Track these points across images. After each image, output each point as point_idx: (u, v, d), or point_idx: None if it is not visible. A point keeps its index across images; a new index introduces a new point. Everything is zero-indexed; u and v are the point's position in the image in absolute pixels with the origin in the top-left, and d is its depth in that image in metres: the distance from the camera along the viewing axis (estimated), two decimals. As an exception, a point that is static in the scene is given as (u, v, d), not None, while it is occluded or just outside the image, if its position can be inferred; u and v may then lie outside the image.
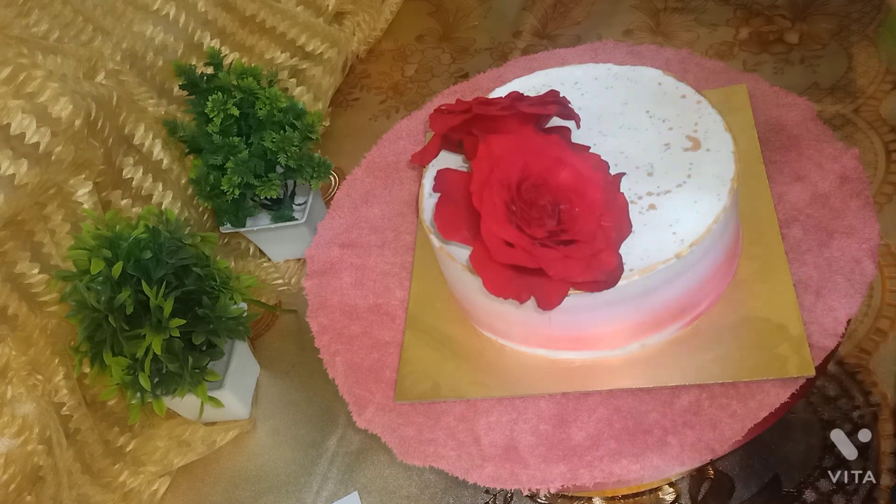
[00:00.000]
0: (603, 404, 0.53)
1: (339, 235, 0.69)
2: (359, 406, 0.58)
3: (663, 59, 0.71)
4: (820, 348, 0.51)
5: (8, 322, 0.77)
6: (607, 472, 0.50)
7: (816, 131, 0.62)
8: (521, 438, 0.53)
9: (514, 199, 0.46)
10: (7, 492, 0.71)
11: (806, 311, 0.52)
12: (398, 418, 0.56)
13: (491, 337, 0.58)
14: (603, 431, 0.52)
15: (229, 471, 0.85)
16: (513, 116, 0.51)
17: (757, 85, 0.67)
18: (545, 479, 0.51)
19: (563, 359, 0.55)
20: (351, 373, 0.60)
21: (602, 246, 0.46)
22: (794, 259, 0.55)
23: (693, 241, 0.49)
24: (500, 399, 0.55)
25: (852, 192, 0.57)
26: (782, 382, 0.50)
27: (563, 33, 1.22)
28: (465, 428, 0.55)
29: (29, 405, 0.74)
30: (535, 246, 0.45)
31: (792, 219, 0.58)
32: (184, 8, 1.04)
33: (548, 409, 0.54)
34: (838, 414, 0.69)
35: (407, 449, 0.55)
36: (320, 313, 0.64)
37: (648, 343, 0.54)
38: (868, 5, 1.05)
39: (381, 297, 0.64)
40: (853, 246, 0.55)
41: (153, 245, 0.74)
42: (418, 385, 0.57)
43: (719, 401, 0.50)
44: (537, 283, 0.47)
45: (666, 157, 0.54)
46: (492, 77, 0.75)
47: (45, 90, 0.77)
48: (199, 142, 0.90)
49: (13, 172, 0.73)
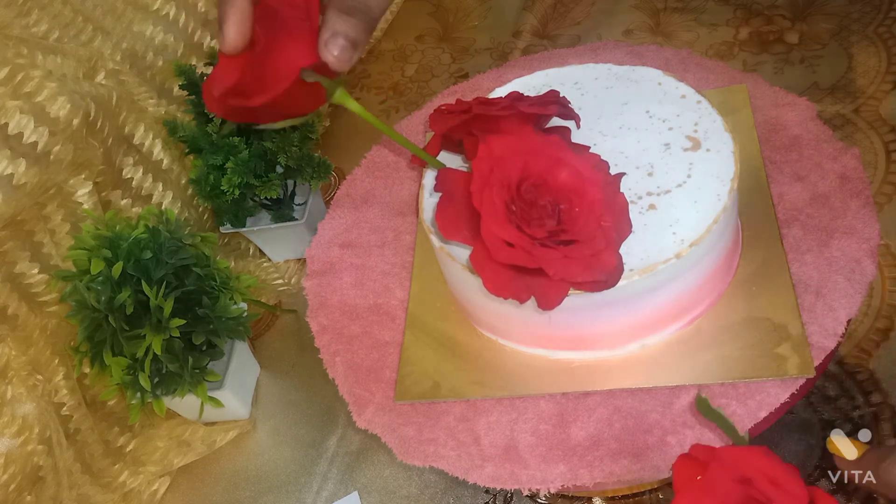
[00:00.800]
0: (603, 404, 0.53)
1: (339, 235, 0.69)
2: (359, 406, 0.58)
3: (663, 59, 0.71)
4: (820, 348, 0.51)
5: (8, 322, 0.77)
6: (607, 471, 0.50)
7: (816, 131, 0.62)
8: (521, 438, 0.53)
9: (514, 198, 0.46)
10: (7, 492, 0.71)
11: (806, 312, 0.52)
12: (398, 418, 0.56)
13: (491, 337, 0.58)
14: (603, 431, 0.52)
15: (229, 471, 0.85)
16: (513, 116, 0.51)
17: (757, 85, 0.67)
18: (545, 479, 0.51)
19: (562, 359, 0.55)
20: (351, 373, 0.60)
21: (602, 246, 0.46)
22: (794, 259, 0.55)
23: (693, 241, 0.49)
24: (500, 399, 0.55)
25: (852, 191, 0.58)
26: (782, 382, 0.50)
27: (563, 33, 1.22)
28: (465, 428, 0.55)
29: (29, 405, 0.74)
30: (535, 246, 0.45)
31: (792, 218, 0.58)
32: (184, 8, 1.04)
33: (548, 409, 0.54)
34: (838, 414, 0.69)
35: (407, 449, 0.55)
36: (320, 313, 0.64)
37: (648, 343, 0.54)
38: (868, 5, 1.05)
39: (381, 297, 0.64)
40: (853, 246, 0.55)
41: (153, 245, 0.74)
42: (418, 385, 0.57)
43: (719, 401, 0.50)
44: (537, 283, 0.47)
45: (666, 157, 0.54)
46: (492, 77, 0.75)
47: (42, 90, 0.77)
48: (199, 142, 0.90)
49: (12, 172, 0.73)
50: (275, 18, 0.43)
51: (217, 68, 0.44)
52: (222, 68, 0.43)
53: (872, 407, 0.69)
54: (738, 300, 0.55)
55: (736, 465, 0.38)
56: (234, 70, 0.43)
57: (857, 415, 0.68)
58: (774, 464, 0.37)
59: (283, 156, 0.88)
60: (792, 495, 0.36)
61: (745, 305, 0.54)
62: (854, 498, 0.64)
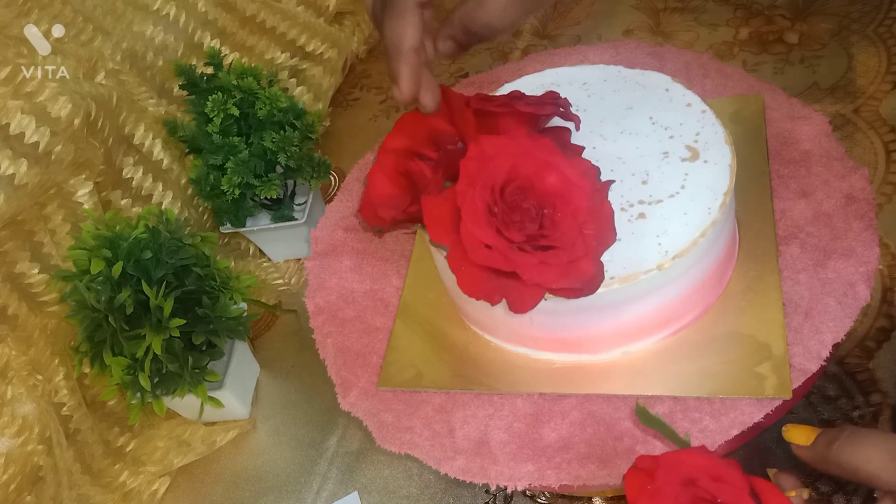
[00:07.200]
0: (578, 408, 0.53)
1: (345, 218, 0.70)
2: (344, 388, 0.59)
3: (683, 63, 0.70)
4: (801, 370, 0.50)
5: (8, 322, 0.77)
6: (574, 475, 0.50)
7: (828, 147, 0.61)
8: (494, 435, 0.53)
9: (496, 200, 0.46)
10: (7, 492, 0.71)
11: (792, 332, 0.51)
12: (379, 404, 0.57)
13: (478, 332, 0.58)
14: (574, 435, 0.52)
15: (229, 471, 0.85)
16: (510, 114, 0.51)
17: (774, 95, 0.66)
18: (513, 476, 0.51)
19: (544, 359, 0.55)
20: (340, 355, 0.61)
21: (581, 254, 0.46)
22: (788, 277, 0.54)
23: (677, 253, 0.48)
24: (479, 394, 0.56)
25: (857, 213, 0.56)
26: (758, 402, 0.49)
27: (564, 33, 1.22)
28: (442, 419, 0.55)
29: (29, 405, 0.74)
30: (513, 250, 0.45)
31: (791, 235, 0.57)
32: (184, 8, 1.04)
33: (524, 408, 0.54)
34: (838, 414, 0.69)
35: (385, 434, 0.55)
36: (318, 294, 0.65)
37: (631, 350, 0.54)
38: (868, 5, 1.05)
39: (378, 283, 0.64)
40: (850, 269, 0.54)
41: (153, 245, 0.74)
42: (402, 373, 0.58)
43: (692, 415, 0.50)
44: (511, 287, 0.47)
45: (662, 165, 0.54)
46: (511, 70, 0.75)
47: (43, 90, 0.77)
48: (199, 142, 0.90)
49: (13, 172, 0.73)
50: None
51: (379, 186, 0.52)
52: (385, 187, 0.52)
53: (872, 407, 0.68)
54: (726, 314, 0.54)
55: (679, 469, 0.39)
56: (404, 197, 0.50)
57: (857, 415, 0.68)
58: (714, 461, 0.39)
59: (283, 156, 0.88)
60: (735, 487, 0.38)
61: (731, 320, 0.53)
62: (854, 498, 0.64)
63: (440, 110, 0.51)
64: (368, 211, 0.53)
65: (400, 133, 0.53)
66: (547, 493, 0.71)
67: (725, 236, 0.53)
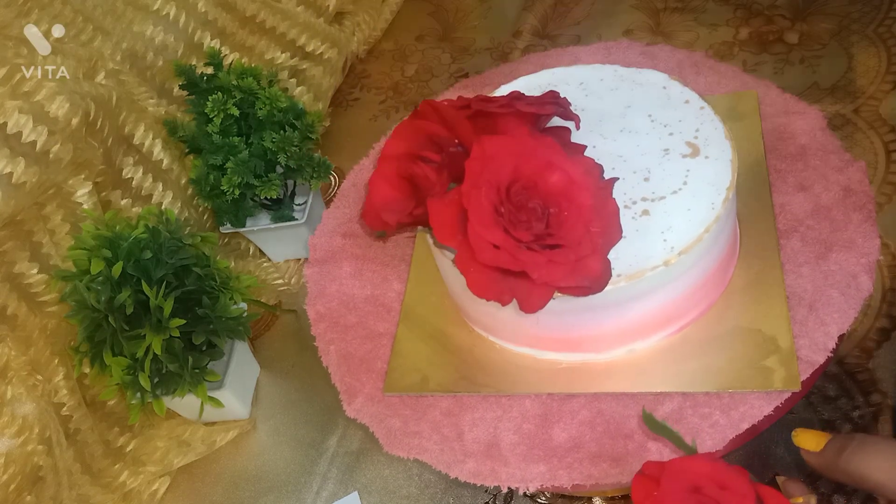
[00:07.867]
0: (587, 407, 0.53)
1: (342, 225, 0.69)
2: (349, 395, 0.58)
3: (676, 61, 0.70)
4: (808, 363, 0.50)
5: (8, 322, 0.77)
6: (586, 474, 0.50)
7: (824, 141, 0.61)
8: (504, 436, 0.53)
9: (502, 200, 0.46)
10: (7, 492, 0.71)
11: (797, 325, 0.52)
12: (386, 409, 0.57)
13: (482, 334, 0.58)
14: (584, 434, 0.51)
15: (229, 471, 0.84)
16: (511, 115, 0.51)
17: (768, 91, 0.66)
18: (524, 477, 0.51)
19: (550, 359, 0.55)
20: (343, 362, 0.60)
21: (588, 252, 0.46)
22: (791, 271, 0.55)
23: (682, 249, 0.49)
24: (486, 396, 0.55)
25: (855, 204, 0.57)
26: (767, 395, 0.49)
27: (564, 33, 1.22)
28: (450, 423, 0.55)
29: (29, 405, 0.74)
30: (521, 249, 0.45)
31: (792, 229, 0.57)
32: (184, 8, 1.04)
33: (532, 409, 0.54)
34: (838, 414, 0.69)
35: (392, 440, 0.55)
36: (318, 301, 0.64)
37: (636, 348, 0.54)
38: (868, 5, 1.05)
39: (379, 289, 0.64)
40: (851, 260, 0.54)
41: (153, 245, 0.74)
42: (407, 377, 0.57)
43: (702, 410, 0.50)
44: (520, 286, 0.47)
45: (664, 162, 0.54)
46: (504, 72, 0.75)
47: (40, 89, 0.77)
48: (199, 142, 0.90)
49: (11, 171, 0.73)
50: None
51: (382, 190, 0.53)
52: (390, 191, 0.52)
53: (872, 407, 0.68)
54: (731, 309, 0.54)
55: (685, 476, 0.39)
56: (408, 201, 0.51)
57: (857, 415, 0.68)
58: (721, 468, 0.39)
59: (283, 156, 0.88)
60: (740, 495, 0.37)
61: (736, 315, 0.54)
62: (854, 497, 0.64)
63: (435, 122, 0.51)
64: (371, 216, 0.53)
65: (399, 139, 0.53)
66: (547, 492, 0.71)
67: (728, 231, 0.53)
